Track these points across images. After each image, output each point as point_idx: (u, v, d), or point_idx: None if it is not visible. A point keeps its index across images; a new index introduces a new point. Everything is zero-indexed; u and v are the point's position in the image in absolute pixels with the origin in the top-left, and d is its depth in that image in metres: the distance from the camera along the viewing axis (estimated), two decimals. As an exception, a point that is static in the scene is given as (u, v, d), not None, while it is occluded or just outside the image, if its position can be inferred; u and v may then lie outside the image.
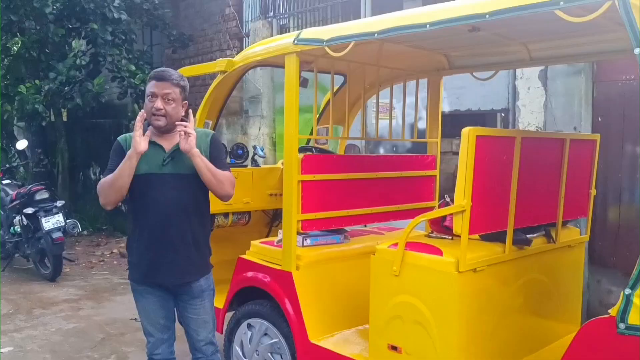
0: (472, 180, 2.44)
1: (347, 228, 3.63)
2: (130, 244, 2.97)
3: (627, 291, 1.96)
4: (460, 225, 2.46)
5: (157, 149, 2.85)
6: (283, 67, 3.24)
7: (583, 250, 3.38)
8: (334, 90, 4.20)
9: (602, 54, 3.27)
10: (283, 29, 8.09)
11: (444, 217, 2.75)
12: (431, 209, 3.96)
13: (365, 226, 3.89)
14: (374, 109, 5.48)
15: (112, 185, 2.79)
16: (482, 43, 3.42)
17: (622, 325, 1.97)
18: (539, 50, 3.46)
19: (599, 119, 4.67)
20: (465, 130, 2.44)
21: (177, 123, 2.80)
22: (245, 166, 4.15)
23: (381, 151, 6.59)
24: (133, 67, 8.51)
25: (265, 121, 8.04)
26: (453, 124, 5.82)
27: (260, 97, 8.01)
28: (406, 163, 3.79)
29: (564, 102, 4.79)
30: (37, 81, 8.16)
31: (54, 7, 7.92)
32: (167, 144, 2.87)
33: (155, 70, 2.92)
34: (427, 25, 2.50)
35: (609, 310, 2.02)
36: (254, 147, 4.35)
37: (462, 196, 2.44)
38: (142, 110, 2.80)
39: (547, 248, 3.00)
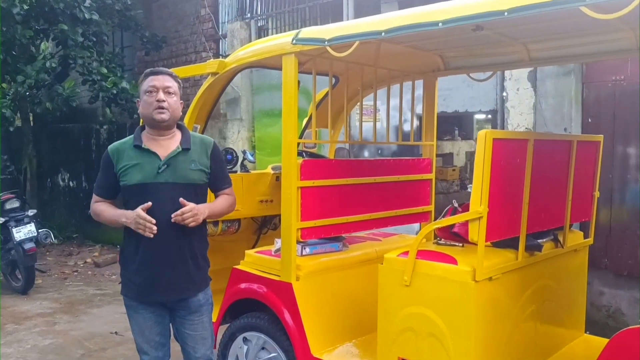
0: (488, 185, 2.33)
1: (344, 235, 3.51)
2: (124, 257, 2.78)
3: (663, 300, 1.87)
4: (477, 232, 2.36)
5: (152, 157, 2.68)
6: (278, 68, 3.11)
7: (586, 253, 3.32)
8: (323, 92, 4.09)
9: (602, 54, 3.21)
10: (261, 30, 7.94)
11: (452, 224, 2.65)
12: (428, 213, 3.87)
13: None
14: (367, 112, 5.42)
15: (100, 218, 2.79)
16: (482, 43, 3.33)
17: (658, 336, 1.89)
18: (538, 50, 3.39)
19: (589, 120, 4.66)
20: (482, 133, 2.34)
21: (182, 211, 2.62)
22: (235, 172, 3.98)
23: (365, 154, 6.49)
24: (105, 70, 8.22)
25: (244, 124, 7.87)
26: (439, 125, 5.76)
27: (239, 100, 7.83)
28: (402, 167, 3.68)
29: (554, 103, 4.77)
30: (4, 85, 7.81)
31: (22, 8, 7.59)
32: (163, 151, 2.70)
33: (148, 69, 2.76)
34: (440, 24, 2.39)
35: (642, 320, 1.93)
36: (244, 152, 4.18)
37: (479, 202, 2.34)
38: (148, 204, 2.61)
39: (555, 253, 2.92)
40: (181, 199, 2.60)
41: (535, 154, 2.59)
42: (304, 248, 3.15)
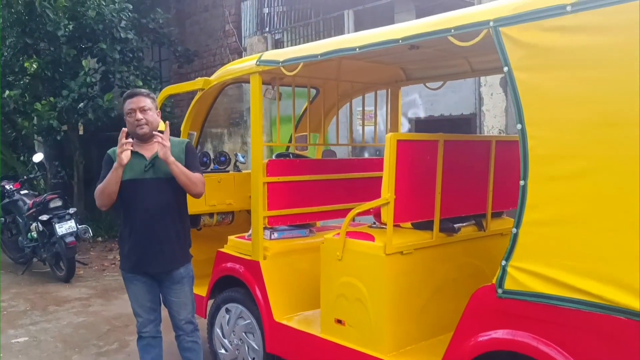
0: (394, 177, 2.91)
1: (320, 223, 4.10)
2: (121, 239, 3.49)
3: (503, 262, 2.41)
4: (386, 214, 2.93)
5: (139, 158, 3.37)
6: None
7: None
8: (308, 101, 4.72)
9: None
10: (278, 43, 8.63)
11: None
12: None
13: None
14: (359, 117, 6.02)
15: (103, 192, 3.33)
16: (431, 58, 3.88)
17: (500, 291, 2.42)
18: (479, 62, 3.92)
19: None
20: (388, 136, 2.92)
21: (154, 133, 3.32)
22: (228, 171, 4.66)
23: (365, 154, 7.07)
24: (140, 83, 9.09)
25: (263, 130, 8.55)
26: (428, 128, 6.30)
27: (264, 106, 8.52)
28: (365, 165, 4.26)
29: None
30: (52, 98, 8.80)
31: (66, 30, 8.56)
32: (148, 153, 3.39)
33: (126, 92, 3.45)
34: (357, 49, 2.99)
35: (493, 280, 2.47)
36: (236, 155, 4.86)
37: (387, 191, 2.92)
38: (123, 129, 3.29)
39: (477, 235, 3.44)
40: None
41: (447, 152, 3.14)
42: (273, 233, 3.78)
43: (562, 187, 2.23)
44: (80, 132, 10.97)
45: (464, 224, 3.37)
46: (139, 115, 3.31)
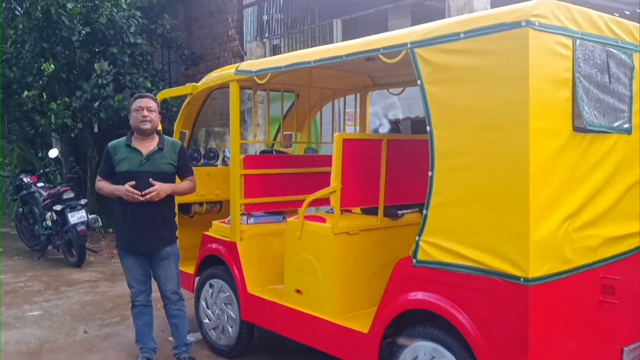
0: (340, 170, 3.49)
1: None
2: (117, 222, 4.12)
3: (417, 238, 2.99)
4: (334, 201, 3.52)
5: (137, 153, 3.99)
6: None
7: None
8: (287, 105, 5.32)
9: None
10: (275, 49, 9.22)
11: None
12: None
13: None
14: (347, 118, 6.62)
15: (102, 190, 4.11)
16: (390, 67, 4.43)
17: (414, 261, 3.00)
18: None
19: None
20: (335, 135, 3.51)
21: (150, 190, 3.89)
22: (216, 166, 5.28)
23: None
24: (149, 84, 9.76)
25: (262, 129, 9.17)
26: (404, 128, 6.87)
27: (259, 108, 9.14)
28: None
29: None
30: (66, 98, 9.50)
31: (80, 35, 9.26)
32: (144, 149, 4.00)
33: (137, 94, 4.07)
34: (312, 62, 3.58)
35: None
36: (224, 151, 5.48)
37: (334, 181, 3.51)
38: (132, 182, 3.87)
39: (420, 221, 4.00)
40: (150, 179, 3.88)
41: (391, 149, 3.71)
42: (249, 218, 4.39)
43: (456, 177, 2.81)
44: (95, 130, 11.68)
45: (408, 211, 3.94)
46: (145, 113, 3.92)
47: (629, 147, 3.08)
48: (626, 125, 3.02)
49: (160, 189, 3.88)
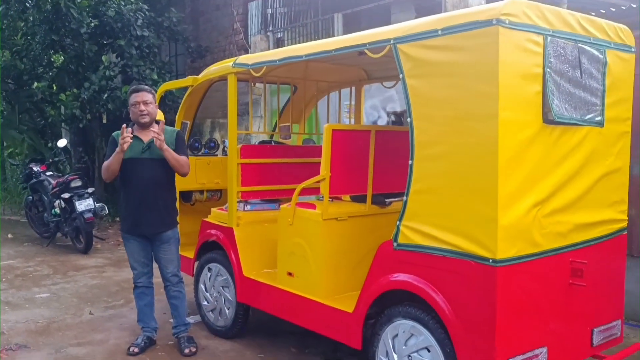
0: (330, 159, 3.68)
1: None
2: (120, 206, 4.34)
3: (398, 222, 3.18)
4: (323, 188, 3.72)
5: (138, 141, 4.20)
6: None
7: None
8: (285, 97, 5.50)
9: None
10: (279, 42, 9.40)
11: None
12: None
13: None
14: (346, 110, 6.79)
15: (107, 168, 4.19)
16: (382, 61, 4.61)
17: (395, 244, 3.19)
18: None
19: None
20: (325, 126, 3.70)
21: (150, 129, 4.12)
22: (216, 155, 5.49)
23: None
24: (155, 76, 9.97)
25: (265, 121, 9.36)
26: (402, 120, 7.02)
27: (260, 100, 9.34)
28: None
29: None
30: (75, 90, 9.74)
31: (88, 27, 9.49)
32: (145, 138, 4.21)
33: (132, 87, 4.27)
34: (304, 57, 3.77)
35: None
36: (224, 141, 5.68)
37: (324, 169, 3.70)
38: (124, 125, 4.06)
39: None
40: (152, 129, 4.09)
41: (379, 140, 3.90)
42: (246, 205, 4.59)
43: (433, 165, 3.00)
44: (104, 121, 11.93)
45: (396, 199, 4.12)
46: (142, 107, 4.13)
47: (601, 139, 3.26)
48: (598, 118, 3.19)
49: (162, 138, 4.04)
